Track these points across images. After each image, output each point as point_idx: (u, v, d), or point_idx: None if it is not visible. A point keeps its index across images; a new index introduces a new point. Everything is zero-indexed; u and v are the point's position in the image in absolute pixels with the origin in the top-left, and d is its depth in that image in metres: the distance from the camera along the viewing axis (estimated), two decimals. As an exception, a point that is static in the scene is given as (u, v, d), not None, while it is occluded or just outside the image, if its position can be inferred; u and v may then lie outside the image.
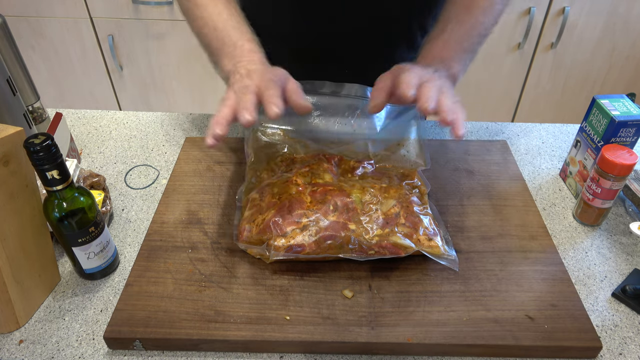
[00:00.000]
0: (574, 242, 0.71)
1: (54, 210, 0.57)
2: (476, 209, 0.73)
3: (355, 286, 0.62)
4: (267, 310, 0.59)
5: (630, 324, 0.60)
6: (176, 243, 0.67)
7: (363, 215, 0.64)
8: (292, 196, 0.66)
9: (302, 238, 0.61)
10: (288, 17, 0.83)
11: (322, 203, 0.64)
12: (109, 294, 0.63)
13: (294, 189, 0.67)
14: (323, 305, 0.60)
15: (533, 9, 1.71)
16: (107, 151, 0.86)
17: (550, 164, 0.85)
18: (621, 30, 1.77)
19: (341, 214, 0.63)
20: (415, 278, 0.63)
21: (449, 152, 0.84)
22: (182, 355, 0.57)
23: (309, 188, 0.67)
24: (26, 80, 0.81)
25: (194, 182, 0.77)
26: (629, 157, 0.65)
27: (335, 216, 0.63)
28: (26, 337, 0.58)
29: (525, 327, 0.57)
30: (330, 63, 0.87)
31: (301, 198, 0.65)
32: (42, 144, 0.51)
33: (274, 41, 0.87)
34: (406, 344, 0.56)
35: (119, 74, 1.89)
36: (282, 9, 0.83)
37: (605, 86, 1.92)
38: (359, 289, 0.61)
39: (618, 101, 0.72)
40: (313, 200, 0.65)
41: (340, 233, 0.62)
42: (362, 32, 0.83)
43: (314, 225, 0.62)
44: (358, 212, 0.64)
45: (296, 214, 0.63)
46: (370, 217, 0.64)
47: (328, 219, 0.63)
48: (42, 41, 1.82)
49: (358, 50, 0.85)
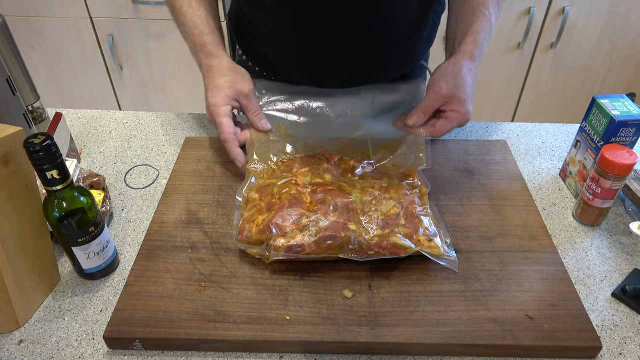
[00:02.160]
0: (574, 242, 0.71)
1: (54, 210, 0.57)
2: (476, 209, 0.73)
3: (355, 286, 0.62)
4: (267, 310, 0.59)
5: (630, 324, 0.60)
6: (176, 243, 0.67)
7: (363, 215, 0.64)
8: (292, 196, 0.65)
9: (302, 238, 0.61)
10: (289, 20, 0.84)
11: (322, 203, 0.64)
12: (109, 294, 0.63)
13: (294, 189, 0.67)
14: (323, 305, 0.60)
15: (533, 9, 1.71)
16: (107, 151, 0.86)
17: (550, 164, 0.85)
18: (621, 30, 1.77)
19: (341, 214, 0.63)
20: (415, 278, 0.63)
21: (449, 152, 0.84)
22: (182, 355, 0.57)
23: (309, 188, 0.67)
24: (26, 80, 0.81)
25: (194, 182, 0.77)
26: (629, 157, 0.65)
27: (335, 216, 0.63)
28: (26, 337, 0.58)
29: (525, 327, 0.57)
30: (329, 66, 0.88)
31: (301, 198, 0.65)
32: (42, 144, 0.51)
33: (273, 46, 0.88)
34: (406, 344, 0.56)
35: (119, 74, 1.89)
36: (283, 13, 0.83)
37: (605, 86, 1.92)
38: (359, 289, 0.61)
39: (618, 101, 0.72)
40: (313, 200, 0.65)
41: (341, 233, 0.62)
42: (360, 36, 0.83)
43: (314, 226, 0.62)
44: (358, 212, 0.64)
45: (296, 214, 0.63)
46: (371, 217, 0.64)
47: (328, 219, 0.63)
48: (42, 41, 1.82)
49: (357, 53, 0.86)
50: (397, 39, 0.86)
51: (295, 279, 0.63)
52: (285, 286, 0.62)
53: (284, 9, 0.82)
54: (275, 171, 0.73)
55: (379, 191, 0.67)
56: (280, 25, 0.85)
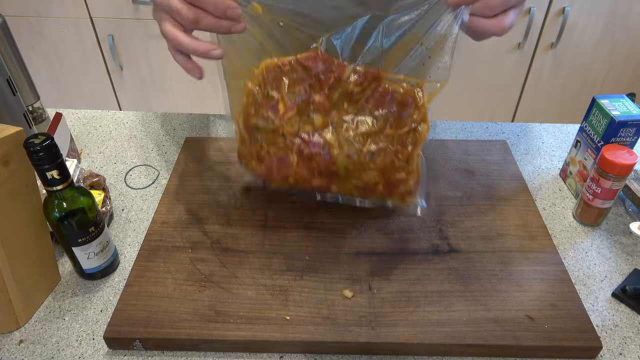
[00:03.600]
0: (574, 242, 0.71)
1: (54, 210, 0.57)
2: (476, 209, 0.73)
3: (355, 286, 0.62)
4: (267, 310, 0.59)
5: (630, 324, 0.60)
6: (176, 243, 0.67)
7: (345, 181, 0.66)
8: (280, 151, 0.64)
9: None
10: None
11: (309, 169, 0.65)
12: (109, 294, 0.63)
13: (281, 142, 0.63)
14: (323, 305, 0.60)
15: (533, 9, 1.71)
16: (107, 151, 0.86)
17: (550, 164, 0.85)
18: (621, 30, 1.77)
19: (324, 179, 0.66)
20: (415, 278, 0.63)
21: (449, 152, 0.84)
22: (182, 355, 0.57)
23: (296, 143, 0.63)
24: (26, 80, 0.81)
25: (194, 182, 0.77)
26: (629, 157, 0.65)
27: (319, 181, 0.66)
28: (26, 337, 0.58)
29: (525, 327, 0.57)
30: None
31: (287, 157, 0.64)
32: (42, 144, 0.51)
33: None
34: (406, 344, 0.56)
35: (119, 74, 1.89)
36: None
37: (605, 86, 1.92)
38: (359, 289, 0.61)
39: (618, 101, 0.72)
40: (300, 160, 0.64)
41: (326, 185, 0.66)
42: None
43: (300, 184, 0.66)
44: (341, 178, 0.66)
45: (283, 176, 0.66)
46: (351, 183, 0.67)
47: (313, 184, 0.65)
48: (42, 41, 1.82)
49: None
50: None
51: (295, 279, 0.63)
52: (285, 286, 0.62)
53: None
54: (256, 96, 0.63)
55: (368, 145, 0.62)
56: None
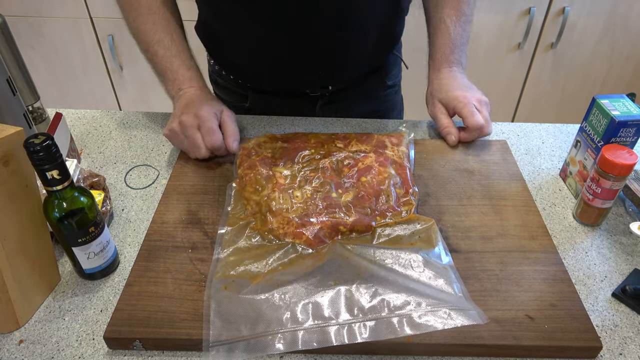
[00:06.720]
0: (574, 242, 0.71)
1: (54, 210, 0.57)
2: (476, 209, 0.73)
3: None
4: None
5: (630, 324, 0.60)
6: (176, 243, 0.67)
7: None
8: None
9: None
10: (254, 26, 0.86)
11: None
12: (109, 294, 0.63)
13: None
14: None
15: (533, 9, 1.71)
16: (107, 151, 0.86)
17: (550, 164, 0.85)
18: (621, 30, 1.77)
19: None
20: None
21: (449, 152, 0.84)
22: (182, 355, 0.57)
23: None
24: (26, 80, 0.81)
25: (194, 182, 0.77)
26: (629, 157, 0.65)
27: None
28: (26, 337, 0.58)
29: (525, 327, 0.57)
30: (303, 67, 0.91)
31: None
32: (42, 144, 0.51)
33: (243, 53, 0.91)
34: (406, 344, 0.56)
35: (119, 74, 1.89)
36: (251, 22, 0.85)
37: (605, 86, 1.92)
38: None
39: (618, 101, 0.72)
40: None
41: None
42: (330, 37, 0.86)
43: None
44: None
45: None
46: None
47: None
48: (42, 41, 1.82)
49: (328, 53, 0.88)
50: (367, 38, 0.89)
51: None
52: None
53: (247, 15, 0.83)
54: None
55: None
56: (245, 31, 0.86)
